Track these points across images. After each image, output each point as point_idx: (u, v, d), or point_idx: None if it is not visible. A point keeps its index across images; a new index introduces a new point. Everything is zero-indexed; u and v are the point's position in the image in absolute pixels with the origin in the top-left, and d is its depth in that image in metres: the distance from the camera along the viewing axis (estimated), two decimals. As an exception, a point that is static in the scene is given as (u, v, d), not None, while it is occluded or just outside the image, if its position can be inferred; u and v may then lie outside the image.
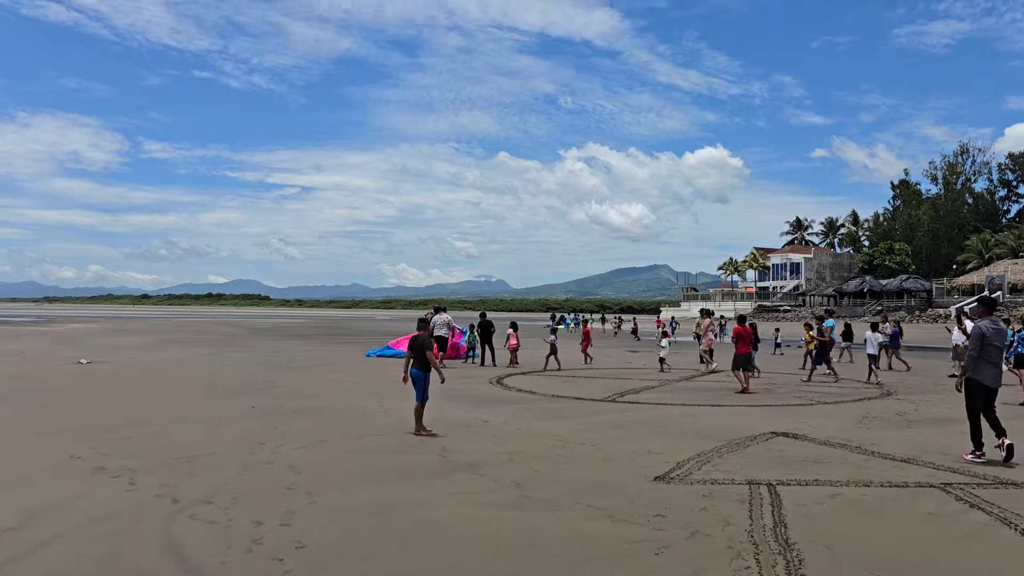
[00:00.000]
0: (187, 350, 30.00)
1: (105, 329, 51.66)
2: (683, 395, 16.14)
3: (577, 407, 14.11)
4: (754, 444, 10.29)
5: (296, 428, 11.29)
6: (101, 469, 8.40)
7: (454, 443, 10.17)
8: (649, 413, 13.35)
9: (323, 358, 26.24)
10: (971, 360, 9.27)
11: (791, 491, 7.63)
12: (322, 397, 15.09)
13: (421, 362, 10.87)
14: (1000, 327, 9.58)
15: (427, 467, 8.70)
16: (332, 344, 36.16)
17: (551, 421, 12.27)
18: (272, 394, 15.40)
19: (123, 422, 11.69)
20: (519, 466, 8.76)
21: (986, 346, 9.19)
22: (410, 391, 10.99)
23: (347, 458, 9.16)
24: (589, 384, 18.17)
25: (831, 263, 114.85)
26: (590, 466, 8.84)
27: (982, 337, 9.19)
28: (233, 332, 49.28)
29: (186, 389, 16.29)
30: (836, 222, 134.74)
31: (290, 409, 13.29)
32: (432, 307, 24.81)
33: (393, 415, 12.73)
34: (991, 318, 9.53)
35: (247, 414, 12.74)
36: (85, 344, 33.50)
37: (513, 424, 11.85)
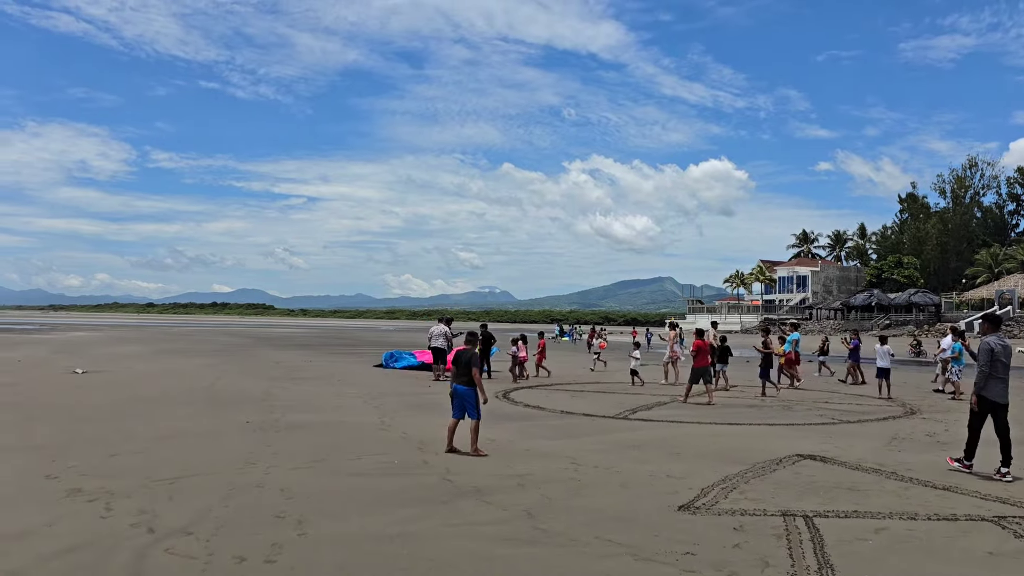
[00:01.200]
0: (186, 360, 29.36)
1: (107, 338, 51.09)
2: (697, 412, 15.43)
3: (588, 425, 13.42)
4: (780, 468, 9.58)
5: (291, 446, 10.61)
6: (77, 492, 7.74)
7: (459, 464, 9.48)
8: (664, 432, 12.66)
9: (324, 369, 25.57)
10: (983, 376, 9.32)
11: (830, 524, 6.93)
12: (321, 411, 14.42)
13: (467, 378, 10.25)
14: (1006, 343, 9.58)
15: (430, 492, 8.01)
16: (334, 355, 35.49)
17: (561, 440, 11.58)
18: (269, 408, 14.74)
19: (109, 437, 11.04)
20: (530, 492, 8.07)
21: (995, 362, 9.27)
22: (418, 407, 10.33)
23: (343, 481, 8.49)
24: (598, 400, 17.46)
25: (838, 276, 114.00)
26: (607, 493, 8.15)
27: (991, 353, 9.28)
28: (235, 342, 48.64)
29: (180, 401, 15.64)
30: (843, 235, 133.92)
31: (286, 424, 12.63)
32: (437, 317, 24.08)
33: (395, 432, 12.05)
34: (998, 334, 9.53)
35: (241, 429, 12.09)
36: (85, 353, 32.91)
37: (521, 443, 11.16)
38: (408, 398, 17.02)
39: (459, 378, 10.32)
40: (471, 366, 10.29)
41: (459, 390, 10.29)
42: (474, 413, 10.23)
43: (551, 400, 17.00)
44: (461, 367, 10.34)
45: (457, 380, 10.34)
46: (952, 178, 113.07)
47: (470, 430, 10.20)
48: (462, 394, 10.26)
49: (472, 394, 10.27)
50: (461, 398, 10.25)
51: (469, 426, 10.22)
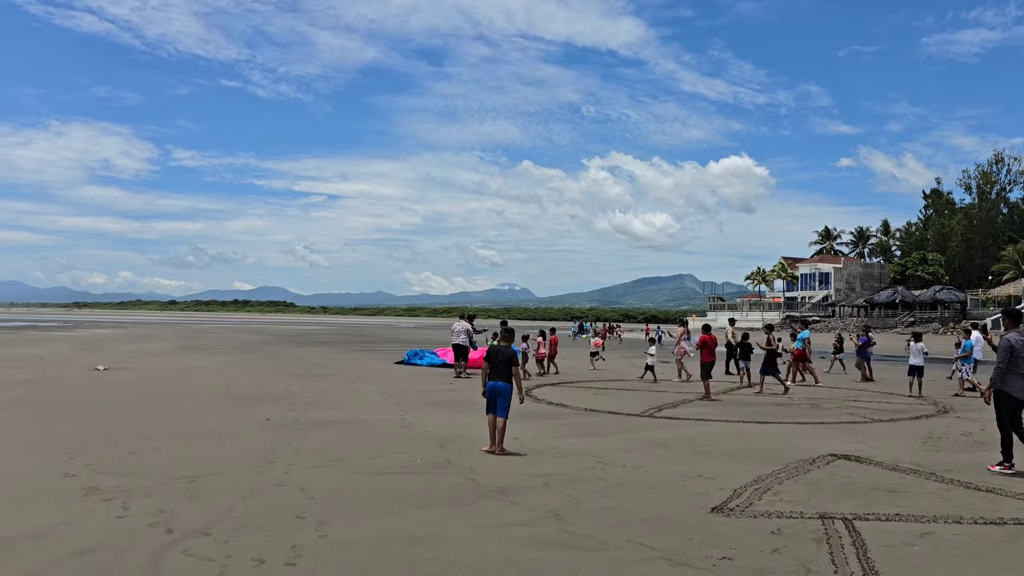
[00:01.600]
0: (207, 357, 29.36)
1: (129, 335, 51.38)
2: (723, 410, 15.11)
3: (613, 423, 13.15)
4: (814, 468, 9.27)
5: (312, 444, 10.43)
6: (94, 490, 7.58)
7: (483, 463, 9.25)
8: (691, 430, 12.36)
9: (345, 367, 25.45)
10: (999, 372, 9.20)
11: (872, 528, 6.63)
12: (342, 409, 14.25)
13: (506, 375, 10.01)
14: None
15: (453, 492, 7.78)
16: (355, 352, 35.40)
17: (587, 438, 11.32)
18: (290, 405, 14.59)
19: (128, 434, 10.91)
20: (556, 492, 7.82)
21: (1015, 358, 9.15)
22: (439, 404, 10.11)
23: (365, 480, 8.28)
24: (622, 397, 17.19)
25: (861, 273, 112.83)
26: (636, 493, 7.88)
27: (1011, 349, 9.17)
28: (256, 339, 48.73)
29: (200, 398, 15.54)
30: (866, 232, 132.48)
31: (307, 422, 12.46)
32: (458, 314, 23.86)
33: (417, 430, 11.84)
34: (1018, 330, 9.37)
35: (261, 427, 11.93)
36: (107, 350, 33.03)
37: (546, 442, 10.91)
38: (429, 395, 16.83)
39: (498, 375, 10.04)
40: (512, 363, 10.05)
41: (496, 387, 10.01)
42: (504, 412, 9.99)
43: (574, 397, 16.75)
44: (500, 364, 10.05)
45: (496, 377, 10.06)
46: (978, 174, 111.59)
47: (497, 429, 9.97)
48: (499, 391, 9.99)
49: (510, 392, 10.02)
50: (496, 395, 10.00)
51: (497, 425, 9.98)
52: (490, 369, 10.18)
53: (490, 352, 10.38)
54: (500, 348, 10.38)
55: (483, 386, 10.31)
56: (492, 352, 10.33)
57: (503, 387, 10.02)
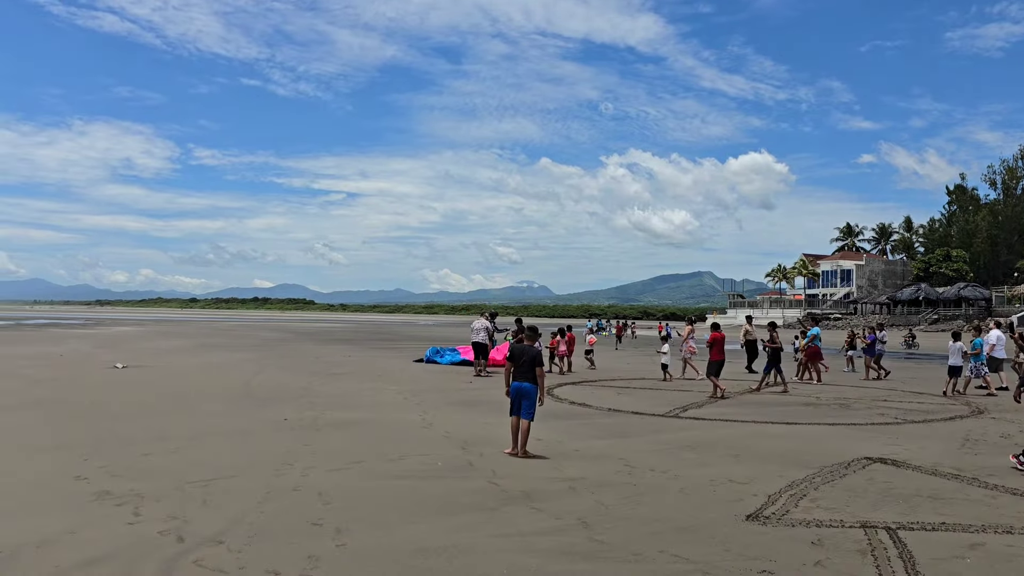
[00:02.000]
0: (226, 354, 29.29)
1: (149, 332, 51.57)
2: (750, 411, 14.74)
3: (638, 424, 12.82)
4: (850, 473, 8.91)
5: (330, 445, 10.19)
6: (106, 494, 7.35)
7: (506, 467, 8.96)
8: (719, 432, 12.01)
9: (364, 365, 25.26)
10: None
11: (918, 538, 6.27)
12: (361, 408, 14.01)
13: (530, 375, 9.70)
14: None
15: (476, 498, 7.49)
16: (374, 350, 35.25)
17: (612, 440, 10.99)
18: (308, 404, 14.37)
19: (143, 435, 10.72)
20: (583, 498, 7.51)
21: None
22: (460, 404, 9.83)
23: (384, 485, 8.00)
24: (646, 397, 16.84)
25: (883, 270, 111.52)
26: (667, 499, 7.56)
27: None
28: (275, 336, 48.75)
29: (218, 397, 15.36)
30: (889, 228, 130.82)
31: (325, 422, 12.22)
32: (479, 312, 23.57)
33: (437, 430, 11.57)
34: None
35: (279, 427, 11.71)
36: (127, 347, 33.07)
37: (570, 444, 10.59)
38: (449, 395, 16.57)
39: (522, 375, 9.73)
40: (536, 363, 9.74)
41: (521, 388, 9.70)
42: (528, 414, 9.69)
43: (597, 397, 16.42)
44: (524, 364, 9.74)
45: (520, 378, 9.74)
46: (1003, 169, 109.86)
47: (521, 432, 9.68)
48: (524, 392, 9.68)
49: (535, 393, 9.71)
50: (521, 396, 9.69)
51: (521, 427, 9.70)
52: (514, 369, 9.91)
53: (513, 351, 10.09)
54: (524, 347, 10.09)
55: (507, 386, 10.04)
56: (516, 351, 10.04)
57: (528, 388, 9.70)
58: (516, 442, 9.70)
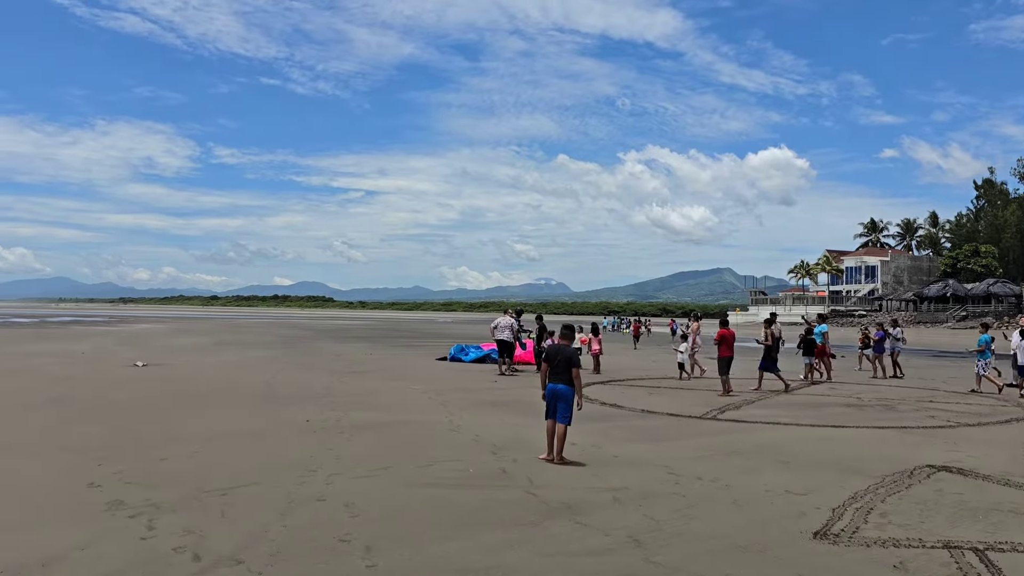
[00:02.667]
0: (246, 352, 28.95)
1: (171, 330, 51.51)
2: (792, 412, 14.09)
3: (675, 426, 12.21)
4: (915, 483, 8.26)
5: (354, 449, 9.67)
6: (119, 504, 6.87)
7: (542, 474, 8.39)
8: (763, 435, 11.37)
9: (386, 363, 24.79)
10: None
11: (1012, 562, 5.65)
12: (385, 409, 13.51)
13: (566, 377, 9.16)
14: None
15: (514, 510, 6.94)
16: (395, 348, 34.82)
17: (651, 444, 10.39)
18: (330, 404, 13.89)
19: (161, 436, 10.26)
20: (630, 511, 6.94)
21: None
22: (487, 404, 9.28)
23: (415, 494, 7.47)
24: (680, 397, 16.22)
25: (909, 266, 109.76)
26: (722, 513, 6.96)
27: None
28: (295, 334, 48.52)
29: (238, 397, 14.92)
30: (914, 223, 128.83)
31: (349, 424, 11.72)
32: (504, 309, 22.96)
33: (466, 433, 11.03)
34: None
35: (300, 429, 11.21)
36: (148, 345, 32.86)
37: (607, 448, 10.01)
38: (475, 394, 16.04)
39: (558, 377, 9.20)
40: (572, 364, 9.20)
41: (558, 390, 9.16)
42: (565, 418, 9.12)
43: (628, 397, 15.82)
44: (560, 364, 9.22)
45: (555, 379, 9.22)
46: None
47: (557, 436, 9.13)
48: (560, 394, 9.15)
49: (571, 395, 9.17)
50: (557, 399, 9.16)
51: (556, 432, 9.15)
52: (549, 370, 9.36)
53: (549, 352, 9.55)
54: (559, 347, 9.58)
55: (542, 388, 9.56)
56: (551, 352, 9.50)
57: (564, 390, 9.16)
58: (551, 447, 9.17)
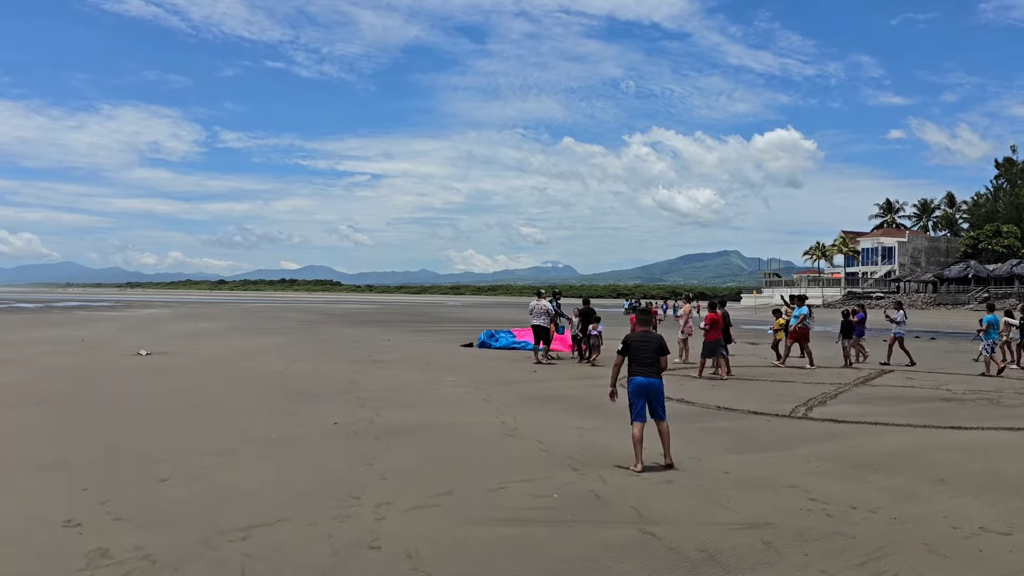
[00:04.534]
0: (257, 338, 27.22)
1: (178, 314, 49.91)
2: (887, 408, 12.24)
3: (768, 428, 10.35)
4: None
5: (400, 463, 7.88)
6: (101, 555, 5.08)
7: (648, 500, 6.56)
8: (882, 441, 9.47)
9: (407, 350, 23.01)
10: None
11: None
12: (422, 407, 11.72)
13: (656, 368, 7.88)
14: None
15: (638, 561, 5.11)
16: (413, 333, 33.07)
17: (756, 454, 8.55)
18: (358, 401, 12.11)
19: (163, 447, 8.49)
20: (794, 559, 5.12)
21: None
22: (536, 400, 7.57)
23: (494, 534, 5.67)
24: (747, 389, 14.41)
25: (927, 247, 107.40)
26: (922, 567, 5.12)
27: None
28: (306, 318, 46.84)
29: (251, 391, 13.16)
30: (931, 204, 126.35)
31: (384, 427, 9.92)
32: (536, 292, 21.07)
33: (526, 439, 9.22)
34: None
35: (328, 434, 9.43)
36: (154, 331, 31.18)
37: (709, 460, 8.17)
38: (518, 387, 14.25)
39: (646, 368, 7.83)
40: (662, 352, 7.91)
41: (650, 385, 7.81)
42: (664, 412, 7.88)
43: (689, 390, 13.97)
44: (649, 354, 7.84)
45: (644, 371, 7.83)
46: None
47: (662, 435, 7.81)
48: (654, 389, 7.82)
49: (660, 388, 7.87)
50: (650, 395, 7.81)
51: (659, 430, 7.81)
52: (632, 362, 7.87)
53: (629, 342, 8.02)
54: (646, 335, 8.03)
55: (611, 385, 8.26)
56: (633, 342, 8.00)
57: (658, 384, 7.87)
58: (639, 457, 7.64)
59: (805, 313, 19.37)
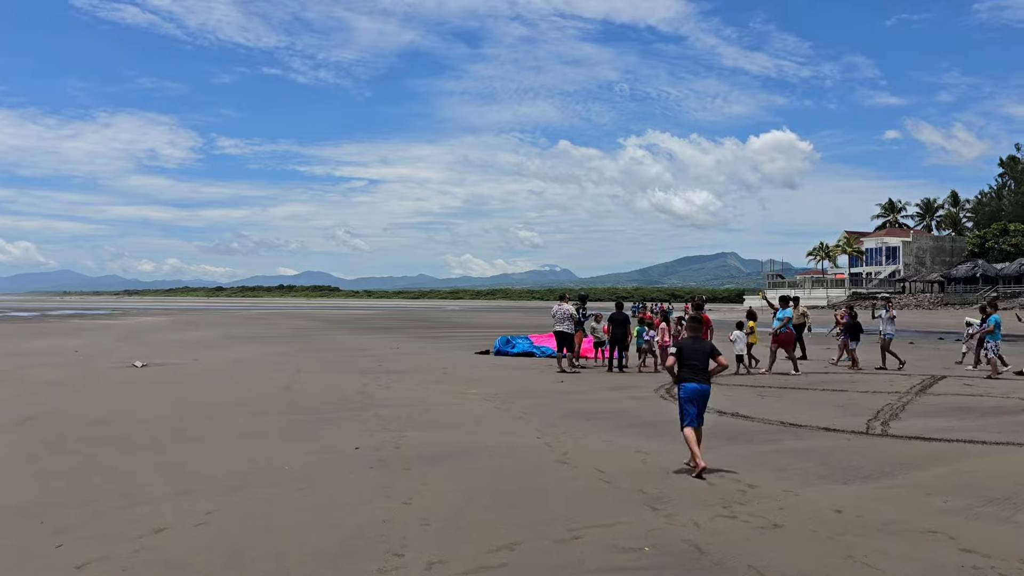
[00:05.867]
0: (258, 347, 25.88)
1: (176, 322, 48.55)
2: (973, 422, 10.91)
3: (851, 450, 8.99)
4: None
5: (442, 502, 6.56)
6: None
7: (764, 552, 5.24)
8: (996, 465, 8.12)
9: (419, 358, 21.69)
10: None
11: None
12: (451, 426, 10.41)
13: (706, 375, 7.92)
14: None
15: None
16: (420, 339, 31.74)
17: (857, 485, 7.21)
18: (377, 420, 10.81)
19: (157, 482, 7.19)
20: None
21: None
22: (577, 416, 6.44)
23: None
24: (792, 400, 13.14)
25: (932, 247, 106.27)
26: None
27: None
28: (307, 325, 45.49)
29: (255, 408, 11.86)
30: (934, 203, 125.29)
31: (415, 453, 8.62)
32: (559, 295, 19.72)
33: (583, 467, 7.90)
34: None
35: (350, 462, 8.13)
36: (151, 340, 29.88)
37: (812, 497, 6.80)
38: (551, 400, 12.96)
39: (698, 375, 7.86)
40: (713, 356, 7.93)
41: (702, 391, 7.87)
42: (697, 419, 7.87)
43: (738, 402, 12.67)
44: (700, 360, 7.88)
45: (696, 378, 7.86)
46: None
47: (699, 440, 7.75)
48: (705, 395, 7.90)
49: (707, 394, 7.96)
50: (700, 401, 7.86)
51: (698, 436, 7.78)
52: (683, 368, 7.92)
53: (683, 347, 8.10)
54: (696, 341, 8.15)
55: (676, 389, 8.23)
56: (687, 347, 8.05)
57: (708, 391, 7.96)
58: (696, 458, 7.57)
59: (788, 316, 17.99)
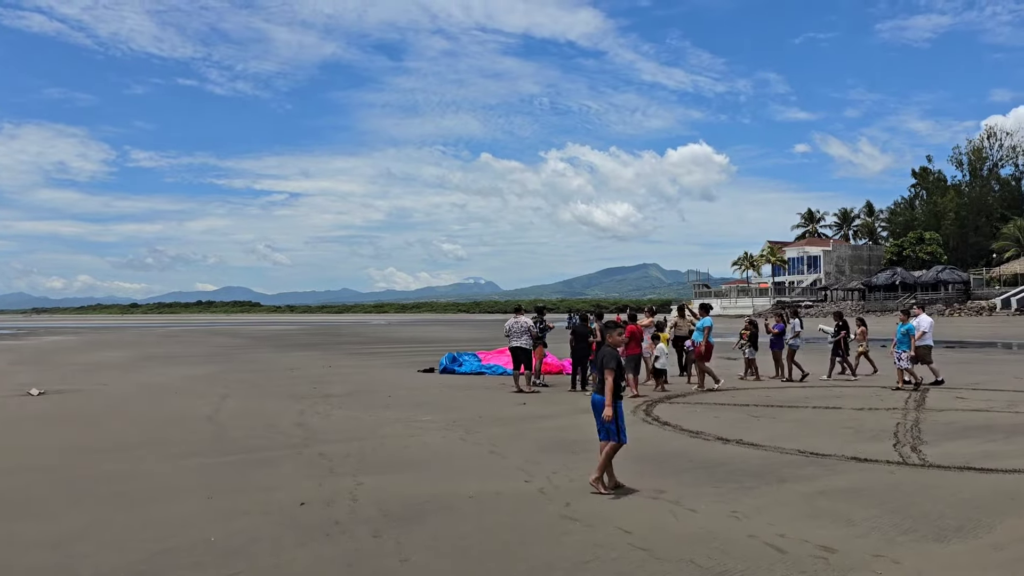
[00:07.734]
0: (178, 369, 23.42)
1: (86, 342, 45.02)
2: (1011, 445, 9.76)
3: (912, 489, 7.52)
4: None
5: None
6: None
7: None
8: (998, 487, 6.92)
9: (356, 378, 19.68)
10: None
11: None
12: (415, 468, 8.58)
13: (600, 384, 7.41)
14: None
15: None
16: (353, 356, 29.63)
17: (957, 544, 5.73)
18: (321, 459, 8.95)
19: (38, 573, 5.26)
20: None
21: None
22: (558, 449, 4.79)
23: None
24: (795, 420, 11.81)
25: (851, 256, 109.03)
26: None
27: None
28: (229, 343, 42.67)
29: (175, 448, 9.82)
30: (851, 213, 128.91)
31: (378, 508, 6.80)
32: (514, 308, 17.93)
33: (599, 525, 6.22)
34: None
35: (298, 527, 6.28)
36: (56, 362, 27.01)
37: (898, 560, 5.39)
38: (522, 428, 11.28)
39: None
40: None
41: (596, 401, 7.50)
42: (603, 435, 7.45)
43: (738, 426, 11.26)
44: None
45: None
46: (969, 149, 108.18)
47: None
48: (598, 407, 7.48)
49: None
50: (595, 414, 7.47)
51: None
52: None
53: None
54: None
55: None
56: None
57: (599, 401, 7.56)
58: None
59: (709, 325, 16.62)
